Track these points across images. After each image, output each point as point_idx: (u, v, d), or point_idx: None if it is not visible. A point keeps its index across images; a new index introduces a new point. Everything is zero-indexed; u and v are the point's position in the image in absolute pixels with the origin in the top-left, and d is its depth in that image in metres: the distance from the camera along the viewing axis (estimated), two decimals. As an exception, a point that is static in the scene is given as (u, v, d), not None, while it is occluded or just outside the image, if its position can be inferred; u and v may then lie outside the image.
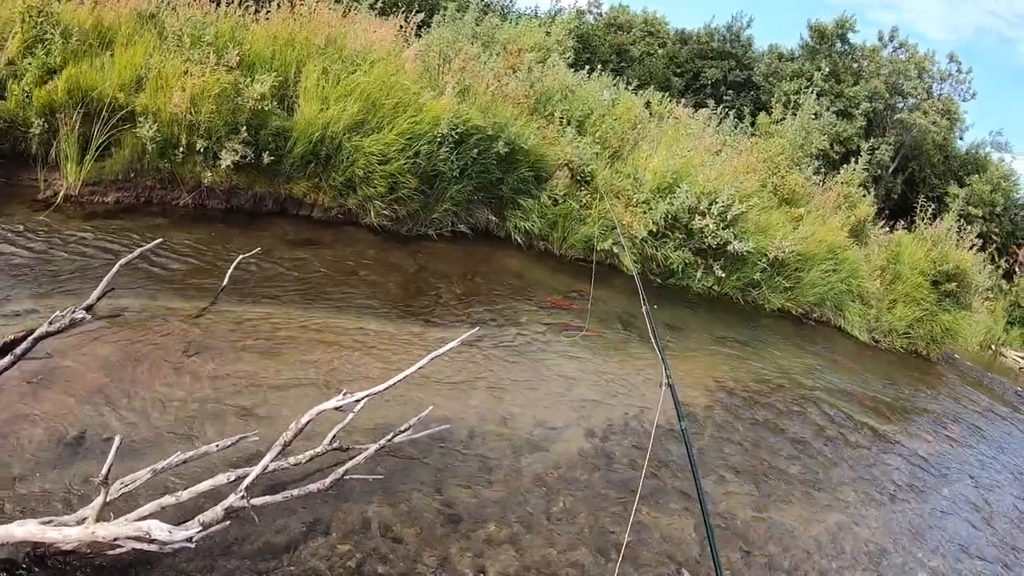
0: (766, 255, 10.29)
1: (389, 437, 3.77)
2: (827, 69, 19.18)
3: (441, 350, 3.45)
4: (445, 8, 11.28)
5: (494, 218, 9.01)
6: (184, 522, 2.83)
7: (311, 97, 7.60)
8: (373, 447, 3.68)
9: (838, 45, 21.73)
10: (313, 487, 3.36)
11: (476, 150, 8.37)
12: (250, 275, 5.95)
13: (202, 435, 3.73)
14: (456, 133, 8.06)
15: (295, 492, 3.28)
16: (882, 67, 20.68)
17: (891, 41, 21.83)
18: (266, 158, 7.13)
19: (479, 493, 4.00)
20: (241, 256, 5.76)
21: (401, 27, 9.48)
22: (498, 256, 8.60)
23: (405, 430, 3.86)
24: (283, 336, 5.14)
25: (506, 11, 18.07)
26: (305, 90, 7.68)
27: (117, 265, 4.57)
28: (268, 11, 8.17)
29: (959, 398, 11.81)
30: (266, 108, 7.25)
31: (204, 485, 3.07)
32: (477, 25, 11.21)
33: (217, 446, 3.28)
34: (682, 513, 4.60)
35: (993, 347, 18.96)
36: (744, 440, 6.26)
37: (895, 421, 8.84)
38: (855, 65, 21.14)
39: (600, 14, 24.49)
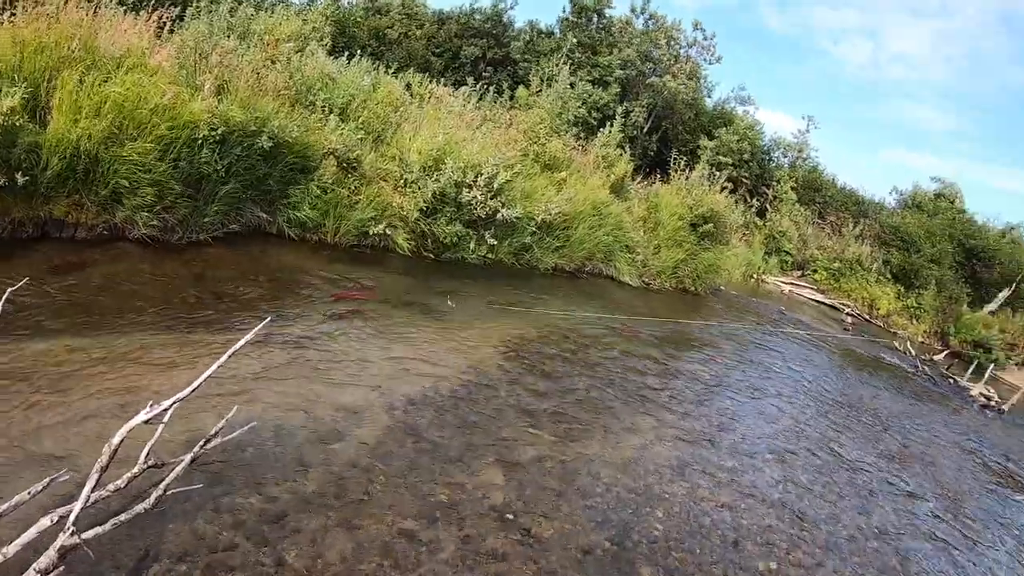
0: (534, 219, 11.10)
1: (200, 445, 3.75)
2: (575, 40, 20.53)
3: (237, 345, 3.47)
4: (199, 1, 10.79)
5: (265, 215, 8.88)
6: (22, 576, 2.76)
7: (64, 109, 7.11)
8: (187, 458, 3.66)
9: (595, 20, 23.20)
10: (139, 508, 3.27)
11: (240, 147, 8.21)
12: (17, 309, 5.31)
13: (5, 489, 3.44)
14: (217, 133, 7.85)
15: (123, 517, 3.20)
16: (634, 37, 22.38)
17: (642, 13, 23.75)
18: (20, 179, 6.54)
19: (298, 487, 4.09)
20: (10, 290, 5.03)
21: (155, 24, 8.98)
22: (274, 252, 8.52)
23: (213, 436, 3.81)
24: (67, 370, 4.78)
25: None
26: (60, 101, 7.14)
27: None
28: (12, 13, 7.33)
29: (730, 323, 13.51)
30: (17, 124, 6.59)
31: (30, 533, 2.91)
32: (232, 16, 10.90)
33: (30, 493, 3.05)
34: (492, 465, 4.98)
35: (755, 276, 21.15)
36: (539, 389, 6.70)
37: (674, 352, 9.84)
38: (610, 37, 22.65)
39: None
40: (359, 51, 13.57)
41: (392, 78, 12.51)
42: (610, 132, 14.52)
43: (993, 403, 15.94)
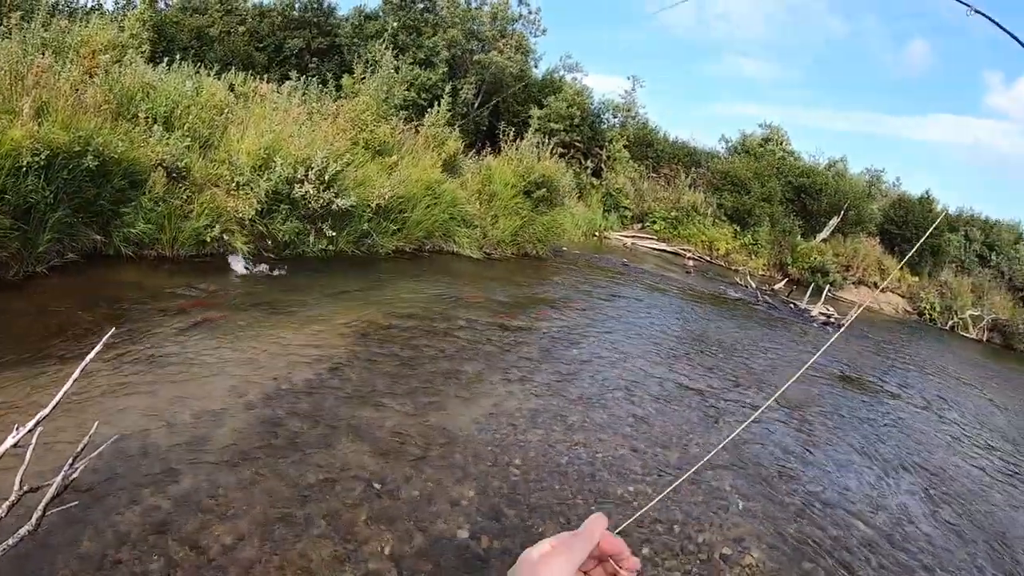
0: (370, 206, 11.49)
1: (69, 463, 3.60)
2: (396, 24, 20.96)
3: (87, 358, 3.35)
4: (9, 18, 10.13)
5: (100, 236, 8.58)
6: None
7: None
8: (58, 478, 3.51)
9: (419, 3, 23.66)
10: (23, 531, 3.19)
11: (65, 170, 7.88)
12: None
13: None
14: (41, 157, 7.49)
15: (11, 541, 3.15)
16: (459, 17, 22.99)
17: (467, -7, 24.41)
18: None
19: (173, 492, 4.20)
20: None
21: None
22: (113, 274, 8.30)
23: (80, 453, 3.63)
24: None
25: (72, 9, 16.95)
26: None
27: None
28: None
29: (573, 280, 14.34)
30: None
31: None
32: (46, 31, 10.29)
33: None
34: (354, 442, 5.23)
35: (597, 234, 22.32)
36: (390, 367, 6.99)
37: (520, 314, 10.37)
38: (435, 17, 23.19)
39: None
40: (179, 54, 13.36)
41: (215, 79, 12.38)
42: (438, 112, 15.10)
43: (833, 320, 17.70)
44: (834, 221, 27.40)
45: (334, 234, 11.00)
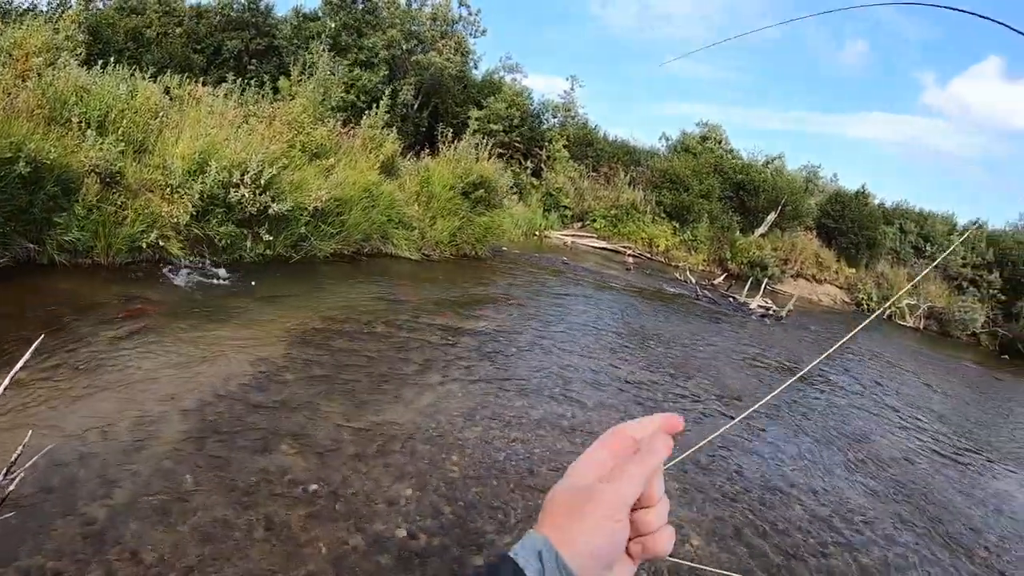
0: (306, 209, 11.50)
1: (3, 474, 3.70)
2: (332, 25, 20.99)
3: (16, 367, 3.48)
4: None
5: (33, 245, 8.46)
6: None
7: None
8: None
9: (359, 3, 23.66)
10: None
11: None
12: None
13: None
14: None
15: None
16: (399, 18, 23.11)
17: (407, -7, 24.57)
18: None
19: (111, 501, 4.17)
20: None
21: None
22: (49, 283, 8.16)
23: (14, 462, 3.70)
24: None
25: (5, 11, 16.53)
26: None
27: None
28: None
29: (512, 280, 14.60)
30: None
31: None
32: None
33: None
34: (291, 446, 5.27)
35: (537, 233, 22.65)
36: (328, 369, 7.05)
37: (458, 314, 10.48)
38: (375, 18, 23.23)
39: None
40: (115, 57, 13.15)
41: (150, 82, 12.14)
42: (375, 114, 15.23)
43: (771, 312, 18.29)
44: (772, 216, 28.14)
45: (271, 238, 10.95)
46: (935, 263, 27.01)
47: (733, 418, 8.17)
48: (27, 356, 3.59)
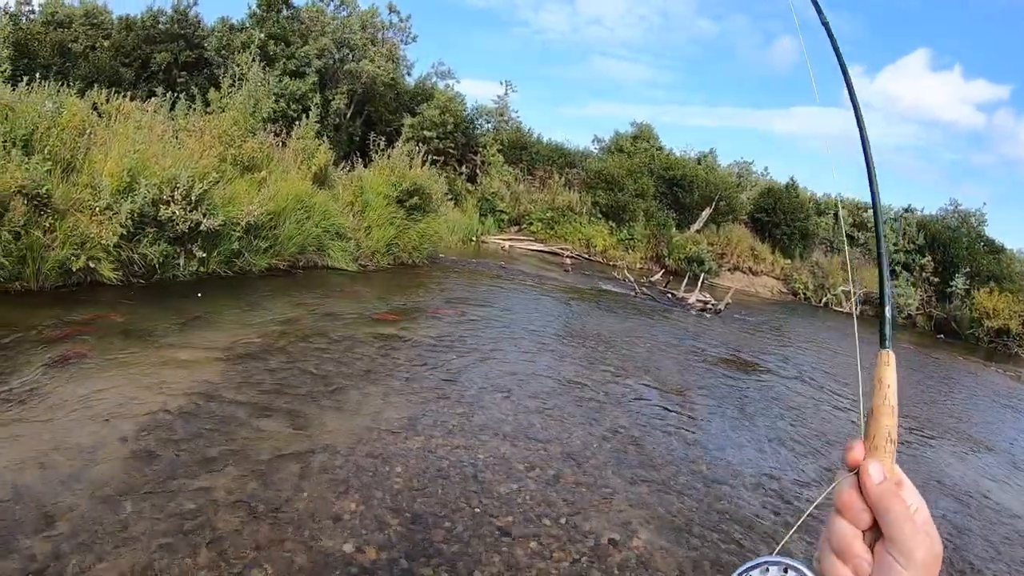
0: (239, 224, 11.43)
1: None
2: (263, 35, 21.01)
3: None
4: None
5: None
6: None
7: None
8: None
9: (284, 11, 23.67)
10: None
11: None
12: None
13: None
14: None
15: None
16: (327, 26, 23.15)
17: (332, 1, 24.51)
18: None
19: (51, 535, 4.09)
20: None
21: None
22: None
23: None
24: None
25: None
26: None
27: None
28: None
29: (450, 286, 14.72)
30: None
31: None
32: None
33: None
34: (232, 466, 5.21)
35: (474, 239, 22.93)
36: (265, 387, 6.94)
37: (396, 324, 10.47)
38: (302, 27, 23.25)
39: (33, 12, 23.14)
40: (40, 72, 12.97)
41: (77, 98, 11.89)
42: (306, 124, 15.28)
43: (710, 306, 18.76)
44: (707, 212, 28.88)
45: (204, 255, 10.87)
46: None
47: (682, 415, 8.45)
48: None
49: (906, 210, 33.27)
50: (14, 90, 10.65)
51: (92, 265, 9.59)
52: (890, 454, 0.93)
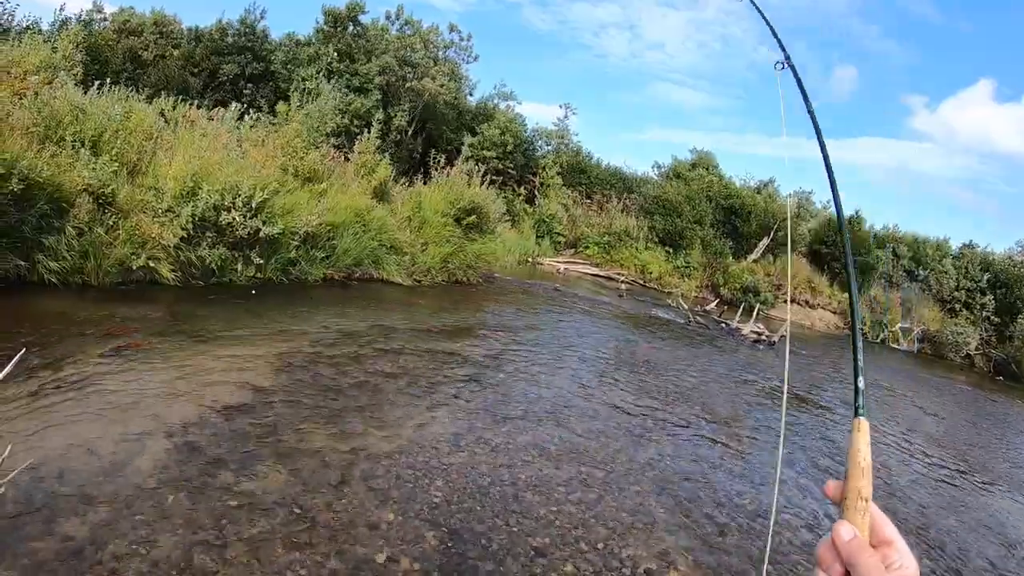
0: (297, 233, 11.54)
1: None
2: (335, 52, 21.23)
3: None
4: None
5: (23, 263, 8.46)
6: None
7: None
8: None
9: (351, 28, 23.91)
10: None
11: None
12: None
13: None
14: None
15: None
16: (391, 44, 23.38)
17: (397, 19, 24.86)
18: None
19: (91, 519, 4.13)
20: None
21: None
22: (37, 301, 8.22)
23: None
24: None
25: (6, 28, 16.53)
26: None
27: None
28: None
29: (503, 306, 14.56)
30: None
31: None
32: None
33: None
34: (274, 468, 5.21)
35: (530, 259, 22.76)
36: (313, 393, 6.97)
37: (447, 340, 10.41)
38: (367, 44, 23.48)
39: (106, 19, 23.51)
40: (112, 77, 13.10)
41: (145, 104, 12.11)
42: (368, 139, 15.32)
43: (764, 337, 18.33)
44: (764, 242, 28.34)
45: (262, 261, 10.98)
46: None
47: (729, 447, 8.14)
48: (8, 369, 3.56)
49: (966, 245, 32.30)
50: (85, 93, 10.87)
51: (152, 265, 9.71)
52: (861, 512, 1.03)
